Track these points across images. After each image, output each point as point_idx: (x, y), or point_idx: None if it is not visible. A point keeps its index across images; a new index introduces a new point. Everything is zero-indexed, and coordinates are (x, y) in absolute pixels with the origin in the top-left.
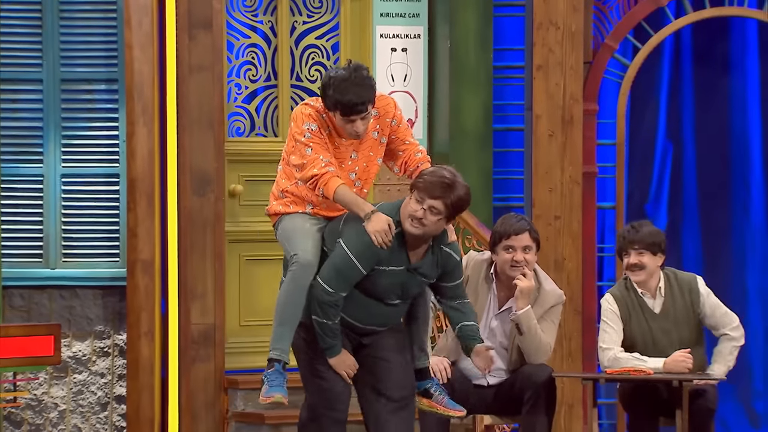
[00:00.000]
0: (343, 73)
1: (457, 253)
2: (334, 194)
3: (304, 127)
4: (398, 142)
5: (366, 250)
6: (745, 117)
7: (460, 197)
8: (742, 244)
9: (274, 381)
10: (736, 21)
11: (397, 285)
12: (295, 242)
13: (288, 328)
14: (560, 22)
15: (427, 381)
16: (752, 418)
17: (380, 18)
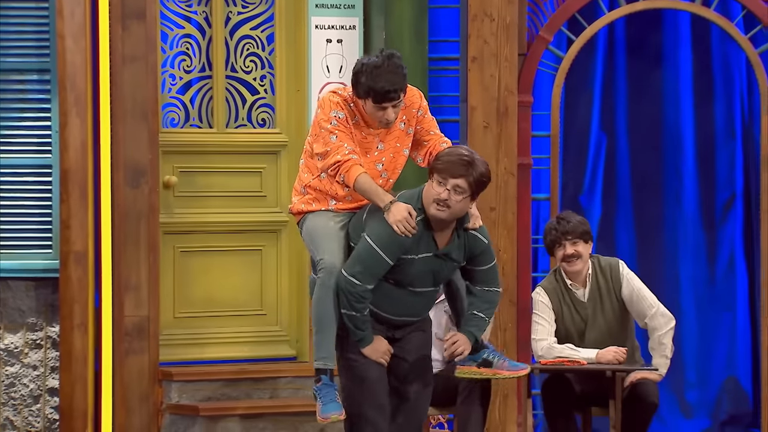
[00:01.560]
0: (376, 60)
1: (485, 237)
2: (355, 182)
3: (332, 115)
4: (423, 133)
5: (390, 241)
6: (678, 109)
7: (482, 173)
8: (674, 234)
9: (327, 396)
10: (669, 13)
11: (428, 272)
12: (320, 245)
13: (327, 334)
14: (495, 14)
15: (482, 351)
16: (684, 408)
17: (315, 9)
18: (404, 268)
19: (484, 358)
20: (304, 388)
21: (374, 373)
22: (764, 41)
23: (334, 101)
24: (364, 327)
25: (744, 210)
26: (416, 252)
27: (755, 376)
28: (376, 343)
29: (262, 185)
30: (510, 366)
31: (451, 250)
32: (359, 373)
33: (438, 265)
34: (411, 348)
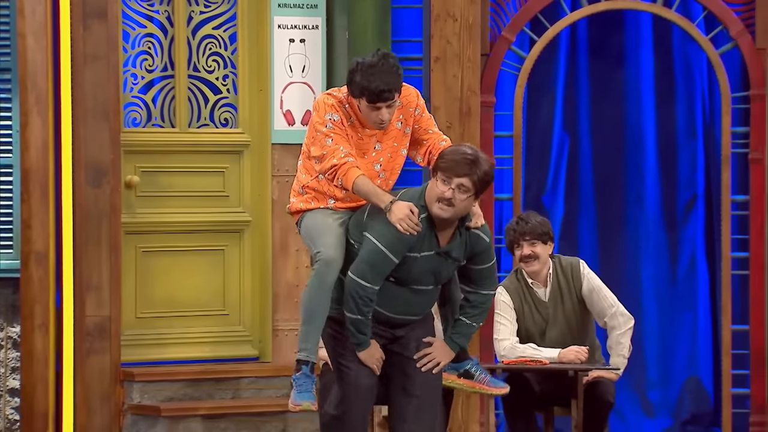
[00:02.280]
0: (370, 59)
1: (487, 236)
2: (353, 185)
3: (326, 117)
4: (422, 132)
5: (395, 240)
6: (640, 109)
7: (486, 172)
8: (636, 234)
9: (303, 386)
10: (631, 14)
11: (429, 270)
12: (318, 239)
13: (315, 326)
14: (458, 14)
15: (465, 362)
16: (646, 407)
17: (278, 9)
18: (407, 266)
19: (467, 369)
20: (267, 388)
21: (366, 381)
22: (725, 42)
23: (328, 103)
24: (366, 331)
25: (705, 210)
26: (419, 250)
27: (716, 376)
28: (372, 349)
29: (224, 185)
30: (490, 382)
31: (452, 248)
32: (350, 380)
33: (439, 264)
34: (414, 345)
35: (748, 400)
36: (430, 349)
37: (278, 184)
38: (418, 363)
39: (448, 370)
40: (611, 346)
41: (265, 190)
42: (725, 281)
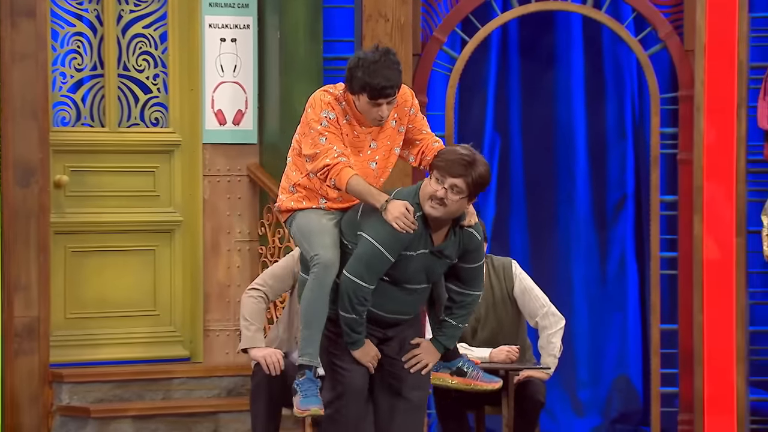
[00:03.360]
0: (372, 55)
1: (480, 234)
2: (347, 185)
3: (322, 115)
4: (415, 132)
5: (391, 238)
6: (570, 110)
7: (481, 174)
8: (567, 234)
9: (308, 391)
10: (561, 15)
11: (422, 269)
12: (314, 241)
13: (316, 330)
14: (389, 14)
15: (457, 360)
16: (576, 406)
17: (209, 8)
18: (401, 264)
19: (458, 366)
20: (198, 388)
21: (359, 382)
22: (654, 43)
23: (325, 101)
24: (360, 330)
25: (635, 210)
26: (415, 248)
27: (645, 375)
28: (367, 347)
29: (155, 185)
30: (483, 378)
31: (446, 247)
32: (344, 380)
33: (433, 262)
34: (407, 346)
35: (676, 398)
36: (418, 350)
37: (209, 183)
38: (405, 364)
39: (441, 369)
40: (542, 346)
41: (196, 189)
42: (654, 281)
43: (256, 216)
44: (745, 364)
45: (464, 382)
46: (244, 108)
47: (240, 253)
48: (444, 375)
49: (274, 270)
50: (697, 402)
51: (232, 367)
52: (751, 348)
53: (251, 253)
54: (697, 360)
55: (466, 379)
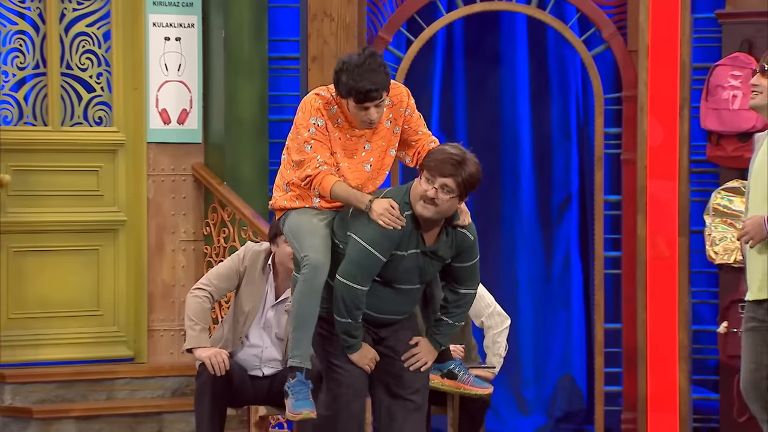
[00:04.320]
0: (356, 58)
1: (472, 234)
2: (331, 192)
3: (311, 121)
4: (411, 132)
5: (380, 238)
6: (515, 110)
7: (472, 174)
8: (512, 234)
9: (300, 394)
10: (506, 15)
11: (414, 269)
12: (304, 242)
13: (306, 331)
14: (335, 13)
15: (449, 362)
16: (522, 405)
17: (153, 6)
18: (393, 264)
19: (450, 369)
20: (142, 389)
21: (357, 382)
22: (598, 43)
23: (315, 106)
24: (357, 335)
25: (579, 210)
26: (405, 248)
27: (589, 374)
28: (364, 350)
29: (98, 184)
30: (474, 382)
31: (438, 247)
32: (341, 380)
33: (424, 262)
34: (401, 346)
35: (620, 397)
36: (417, 349)
37: (154, 183)
38: (405, 363)
39: (432, 371)
40: (488, 346)
41: (141, 189)
42: (598, 280)
43: (201, 216)
44: (688, 363)
45: (455, 386)
46: (189, 107)
47: (185, 252)
48: (435, 377)
49: (219, 270)
50: (640, 401)
51: (176, 367)
52: (693, 347)
53: (196, 253)
54: (640, 359)
55: (457, 382)
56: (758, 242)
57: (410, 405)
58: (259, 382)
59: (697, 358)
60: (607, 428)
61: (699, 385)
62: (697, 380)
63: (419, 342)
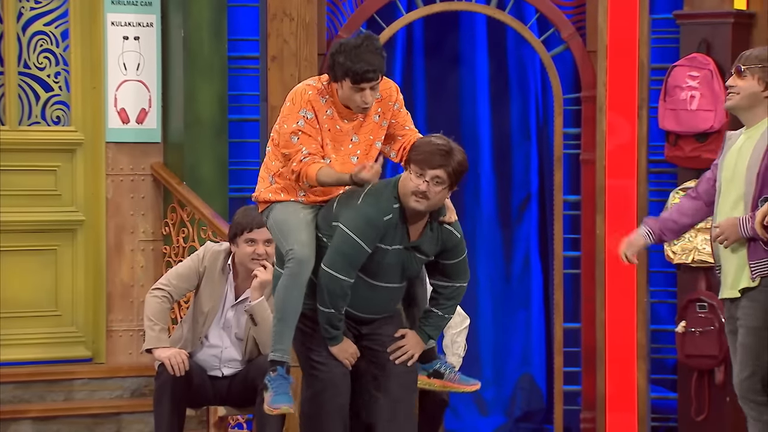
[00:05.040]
0: (354, 40)
1: (459, 232)
2: (317, 179)
3: (300, 113)
4: (398, 127)
5: (367, 227)
6: (475, 110)
7: (460, 162)
8: (472, 233)
9: (280, 388)
10: (466, 15)
11: (397, 265)
12: (290, 235)
13: (288, 325)
14: (294, 13)
15: (435, 362)
16: (481, 405)
17: (111, 5)
18: (376, 258)
19: (436, 369)
20: (100, 389)
21: (338, 376)
22: (557, 44)
23: (305, 98)
24: (339, 326)
25: (539, 210)
26: (390, 242)
27: (549, 373)
28: (345, 344)
29: (56, 184)
30: (461, 380)
31: (422, 243)
32: (322, 375)
33: (408, 259)
34: (385, 338)
35: (579, 397)
36: (403, 342)
37: (112, 182)
38: (391, 356)
39: (418, 371)
40: (447, 345)
41: (99, 189)
42: (557, 280)
43: (160, 215)
44: (647, 363)
45: (442, 384)
46: (148, 107)
47: (144, 252)
48: (421, 377)
49: (179, 270)
50: (599, 400)
51: (135, 367)
52: (652, 346)
53: (155, 253)
54: (599, 358)
55: (443, 381)
56: (733, 242)
57: (397, 399)
58: (219, 383)
59: (656, 357)
60: (566, 428)
61: (657, 384)
62: (656, 379)
63: (406, 334)
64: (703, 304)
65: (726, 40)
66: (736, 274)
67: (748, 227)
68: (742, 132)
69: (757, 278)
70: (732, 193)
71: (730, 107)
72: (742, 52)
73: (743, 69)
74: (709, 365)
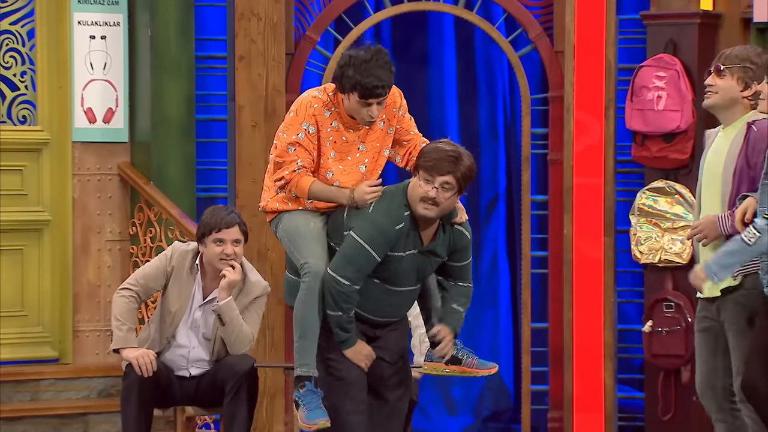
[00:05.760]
0: (364, 54)
1: (469, 232)
2: (309, 192)
3: (302, 126)
4: (403, 133)
5: (379, 236)
6: (443, 110)
7: (469, 167)
8: None
9: (312, 403)
10: (433, 16)
11: (413, 269)
12: (303, 248)
13: (310, 340)
14: (262, 13)
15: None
16: (449, 404)
17: (78, 5)
18: (391, 265)
19: (453, 355)
20: (67, 390)
21: (354, 374)
22: (525, 44)
23: (309, 113)
24: (350, 328)
25: (507, 210)
26: (403, 249)
27: (516, 373)
28: (359, 346)
29: (23, 183)
30: (479, 364)
31: (436, 246)
32: (339, 374)
33: (422, 262)
34: (390, 348)
35: (546, 396)
36: (443, 333)
37: (79, 182)
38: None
39: (435, 359)
40: (415, 345)
41: (66, 188)
42: (525, 280)
43: (127, 215)
44: (614, 362)
45: (460, 370)
46: (115, 106)
47: (110, 252)
48: (438, 365)
49: (146, 270)
50: (566, 399)
51: (102, 367)
52: (619, 346)
53: (122, 253)
54: (566, 358)
55: (462, 366)
56: (712, 241)
57: (392, 409)
58: (187, 383)
59: (623, 357)
60: (533, 427)
61: (624, 383)
62: (623, 379)
63: (440, 329)
64: (669, 303)
65: (692, 41)
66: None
67: (728, 225)
68: (720, 130)
69: (739, 276)
70: (711, 192)
71: (708, 106)
72: (722, 51)
73: (723, 68)
74: (675, 365)
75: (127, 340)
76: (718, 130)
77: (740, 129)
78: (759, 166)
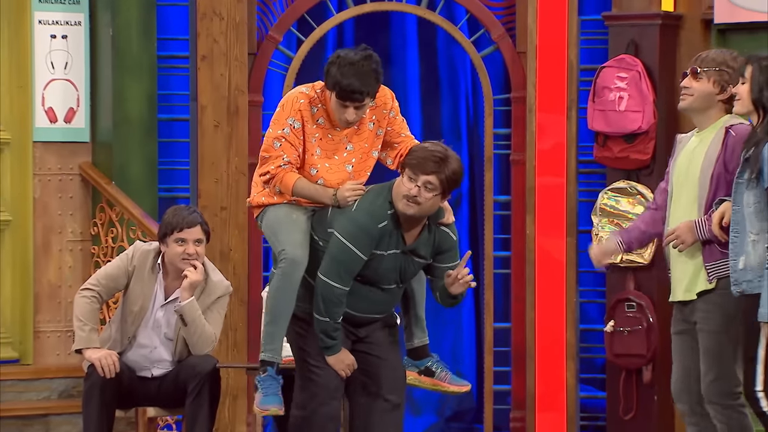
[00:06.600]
0: (352, 56)
1: (454, 234)
2: (293, 189)
3: (288, 121)
4: (394, 135)
5: (361, 235)
6: (406, 110)
7: (455, 170)
8: None
9: (269, 389)
10: (396, 16)
11: (394, 269)
12: (283, 236)
13: (280, 326)
14: (224, 12)
15: (426, 359)
16: (412, 405)
17: (39, 4)
18: (373, 264)
19: (427, 366)
20: (28, 391)
21: (333, 383)
22: (487, 45)
23: (296, 107)
24: (336, 336)
25: (469, 210)
26: (386, 248)
27: (479, 373)
28: (342, 355)
29: None
30: (452, 380)
31: (418, 246)
32: (318, 380)
33: (405, 262)
34: (380, 344)
35: (509, 396)
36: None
37: (40, 182)
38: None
39: (409, 367)
40: None
41: (27, 188)
42: (488, 280)
43: (88, 215)
44: (576, 362)
45: (432, 383)
46: (76, 106)
47: (72, 253)
48: (412, 374)
49: (108, 270)
50: (529, 399)
51: (63, 368)
52: (581, 346)
53: (83, 253)
54: (529, 358)
55: (434, 379)
56: (688, 246)
57: (387, 405)
58: (149, 383)
59: (585, 357)
60: (496, 427)
61: (586, 383)
62: (585, 379)
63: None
64: (631, 303)
65: (654, 42)
66: (692, 277)
67: (705, 229)
68: (694, 134)
69: (714, 280)
70: (685, 197)
71: (684, 108)
72: (699, 54)
73: (699, 71)
74: (637, 364)
75: (89, 341)
76: (691, 135)
77: (717, 133)
78: (736, 171)
